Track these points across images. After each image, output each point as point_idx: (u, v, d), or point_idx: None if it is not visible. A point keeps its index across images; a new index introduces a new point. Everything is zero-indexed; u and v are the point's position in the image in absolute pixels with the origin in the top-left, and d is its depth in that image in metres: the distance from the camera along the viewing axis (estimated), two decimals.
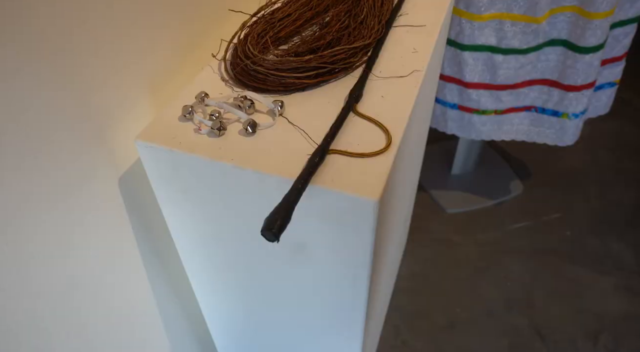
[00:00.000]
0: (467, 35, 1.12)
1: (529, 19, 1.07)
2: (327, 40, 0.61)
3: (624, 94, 1.96)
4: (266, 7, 0.68)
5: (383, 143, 0.51)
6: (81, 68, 0.47)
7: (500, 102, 1.23)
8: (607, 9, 1.00)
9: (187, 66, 0.65)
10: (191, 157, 0.51)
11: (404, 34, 0.69)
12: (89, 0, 0.46)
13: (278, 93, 0.58)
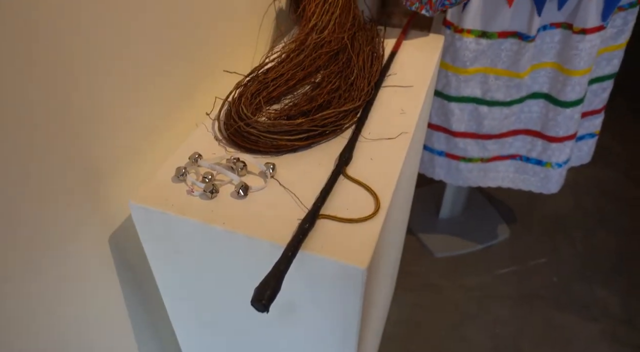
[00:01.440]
0: (453, 87, 1.16)
1: (511, 74, 1.11)
2: (318, 102, 0.63)
3: (604, 141, 2.02)
4: (260, 67, 0.71)
5: (372, 206, 0.53)
6: (75, 126, 0.49)
7: (486, 150, 1.27)
8: (585, 67, 1.05)
9: (181, 123, 0.66)
10: (183, 219, 0.51)
11: (392, 95, 0.72)
12: (84, 56, 0.48)
13: (270, 154, 0.59)
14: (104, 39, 0.49)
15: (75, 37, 0.45)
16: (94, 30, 0.47)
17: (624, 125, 2.14)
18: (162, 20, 0.57)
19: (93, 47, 0.48)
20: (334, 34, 0.77)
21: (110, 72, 0.51)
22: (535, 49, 1.09)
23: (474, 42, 1.08)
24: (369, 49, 0.78)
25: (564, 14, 1.03)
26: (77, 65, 0.46)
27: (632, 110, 2.23)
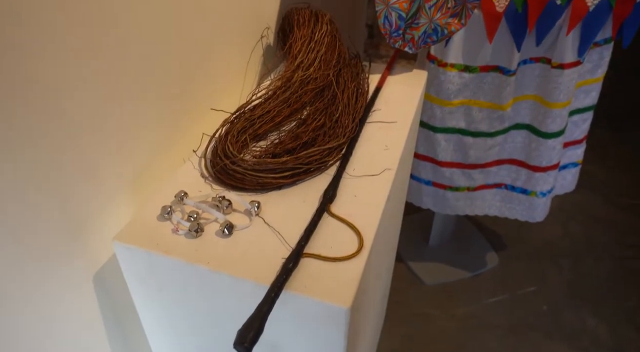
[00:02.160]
0: (438, 118, 1.19)
1: (494, 106, 1.14)
2: (303, 140, 0.64)
3: (588, 167, 2.06)
4: (246, 104, 0.72)
5: (356, 244, 0.53)
6: (61, 162, 0.49)
7: (472, 179, 1.29)
8: (564, 99, 1.09)
9: (168, 160, 0.67)
10: (167, 259, 0.51)
11: (376, 130, 0.73)
12: (69, 95, 0.49)
13: (255, 192, 0.60)
14: (91, 79, 0.50)
15: (60, 77, 0.46)
16: (79, 72, 0.48)
17: (607, 152, 2.18)
18: (150, 59, 0.58)
19: (78, 87, 0.49)
20: (319, 71, 0.79)
21: (97, 112, 0.52)
22: (516, 82, 1.12)
23: (457, 75, 1.11)
24: (354, 85, 0.80)
25: (542, 50, 1.07)
26: (62, 108, 0.47)
27: (614, 137, 2.28)
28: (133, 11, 0.53)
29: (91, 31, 0.48)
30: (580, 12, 0.97)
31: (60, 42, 0.45)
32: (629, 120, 2.40)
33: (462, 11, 0.90)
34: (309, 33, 0.83)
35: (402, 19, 0.83)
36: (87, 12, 0.47)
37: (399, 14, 0.82)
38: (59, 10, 0.44)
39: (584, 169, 2.04)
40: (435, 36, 0.87)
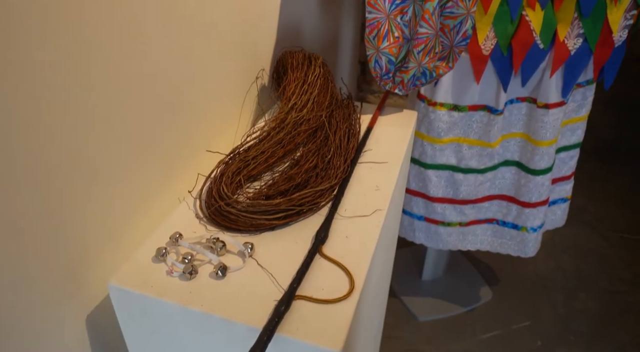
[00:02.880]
0: (429, 155, 1.22)
1: (483, 144, 1.17)
2: (296, 181, 0.66)
3: (578, 201, 2.09)
4: (241, 146, 0.74)
5: (347, 286, 0.54)
6: (58, 205, 0.50)
7: (463, 215, 1.30)
8: (551, 138, 1.12)
9: (164, 200, 0.68)
10: (161, 301, 0.52)
11: (368, 171, 0.75)
12: (66, 139, 0.50)
13: (249, 233, 0.61)
14: (87, 122, 0.52)
15: (58, 120, 0.48)
16: (75, 117, 0.50)
17: (597, 186, 2.22)
18: (145, 101, 0.61)
19: (76, 130, 0.51)
20: (312, 112, 0.82)
21: (94, 154, 0.54)
22: (504, 120, 1.16)
23: (446, 114, 1.14)
24: (345, 126, 0.83)
25: (528, 90, 1.11)
26: (61, 152, 0.49)
27: (603, 171, 2.32)
28: (128, 55, 0.56)
29: (85, 72, 0.51)
30: (562, 56, 1.02)
31: (56, 86, 0.47)
32: (618, 154, 2.45)
33: (449, 55, 0.94)
34: (302, 76, 0.86)
35: (391, 63, 0.86)
36: (83, 54, 0.50)
37: (389, 58, 0.86)
38: (57, 52, 0.46)
39: (575, 202, 2.07)
40: (424, 79, 0.91)
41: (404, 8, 0.84)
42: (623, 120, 2.69)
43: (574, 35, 1.01)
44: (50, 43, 0.44)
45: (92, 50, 0.50)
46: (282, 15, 1.00)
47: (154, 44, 0.59)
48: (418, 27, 0.84)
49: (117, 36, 0.53)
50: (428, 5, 0.82)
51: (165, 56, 0.62)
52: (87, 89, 0.50)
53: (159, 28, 0.60)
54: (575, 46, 1.01)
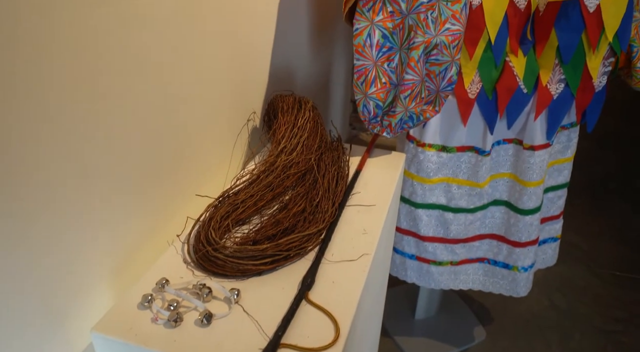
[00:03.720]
0: (419, 195, 1.23)
1: (472, 184, 1.19)
2: (284, 225, 0.67)
3: (570, 238, 2.10)
4: (231, 189, 0.75)
5: (333, 332, 0.54)
6: (44, 252, 0.51)
7: (454, 254, 1.30)
8: (538, 178, 1.14)
9: (153, 244, 0.69)
10: (145, 350, 0.52)
11: (355, 214, 0.76)
12: (55, 188, 0.51)
13: (235, 278, 0.62)
14: (78, 169, 0.53)
15: (51, 169, 0.49)
16: (65, 164, 0.51)
17: (588, 222, 2.23)
18: (135, 146, 0.62)
19: (66, 177, 0.52)
20: (301, 155, 0.84)
21: (80, 197, 0.54)
22: (492, 161, 1.18)
23: (435, 155, 1.16)
24: (334, 169, 0.85)
25: (514, 132, 1.14)
26: (50, 200, 0.50)
27: (594, 207, 2.34)
28: (121, 99, 0.58)
29: (78, 120, 0.52)
30: (545, 100, 1.05)
31: (49, 131, 0.48)
32: (608, 191, 2.48)
33: (435, 99, 0.96)
34: (292, 119, 0.88)
35: (379, 107, 0.89)
36: (76, 100, 0.51)
37: (377, 103, 0.88)
38: (49, 96, 0.48)
39: (567, 239, 2.07)
40: (411, 122, 0.93)
41: (390, 55, 0.88)
42: (612, 158, 2.73)
43: (555, 80, 1.05)
44: (51, 94, 0.46)
45: (86, 96, 0.51)
46: (274, 59, 1.03)
47: (146, 90, 0.61)
48: (404, 73, 0.87)
49: (110, 82, 0.55)
50: (413, 53, 0.85)
51: (158, 101, 0.64)
52: (78, 133, 0.52)
53: (152, 73, 0.62)
54: (557, 91, 1.05)
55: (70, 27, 0.48)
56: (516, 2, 0.99)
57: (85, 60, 0.50)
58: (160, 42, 0.62)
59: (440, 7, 0.90)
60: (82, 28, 0.49)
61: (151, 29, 0.60)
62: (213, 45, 0.76)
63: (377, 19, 0.85)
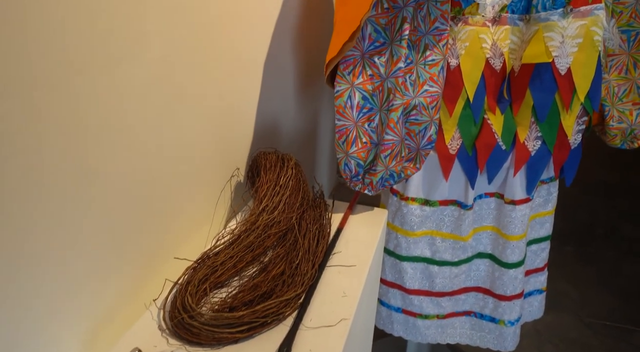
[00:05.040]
0: (404, 247, 1.23)
1: (456, 237, 1.19)
2: (262, 290, 0.66)
3: (559, 286, 2.09)
4: (211, 250, 0.75)
5: None
6: (12, 318, 0.49)
7: (440, 307, 1.29)
8: (520, 232, 1.15)
9: (128, 309, 0.68)
10: None
11: (336, 275, 0.76)
12: (29, 232, 0.51)
13: (211, 346, 0.60)
14: (55, 230, 0.53)
15: (29, 241, 0.49)
16: (48, 234, 0.51)
17: (576, 270, 2.23)
18: (113, 206, 0.62)
19: (41, 243, 0.51)
20: (283, 214, 0.84)
21: (58, 261, 0.54)
22: (474, 214, 1.19)
23: (418, 208, 1.17)
24: (315, 227, 0.85)
25: (495, 186, 1.16)
26: (24, 263, 0.50)
27: (582, 254, 2.35)
28: (101, 158, 0.58)
29: (61, 180, 0.52)
30: (523, 157, 1.08)
31: (32, 190, 0.48)
32: (595, 237, 2.49)
33: (416, 157, 0.99)
34: (274, 178, 0.89)
35: (360, 166, 0.91)
36: (59, 161, 0.52)
37: (357, 162, 0.90)
38: (35, 159, 0.48)
39: (557, 287, 2.06)
40: (392, 180, 0.95)
41: (370, 116, 0.90)
42: (597, 203, 2.77)
43: (532, 137, 1.08)
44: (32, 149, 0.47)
45: (68, 157, 0.52)
46: (259, 114, 1.05)
47: (127, 146, 0.62)
48: (384, 134, 0.89)
49: (92, 143, 0.56)
50: (393, 115, 0.88)
51: (137, 159, 0.65)
52: (60, 193, 0.52)
53: (132, 131, 0.63)
54: (535, 147, 1.08)
55: (53, 107, 0.49)
56: (492, 64, 1.04)
57: (66, 126, 0.52)
58: (144, 103, 0.64)
59: (418, 70, 0.93)
60: (65, 99, 0.51)
61: (132, 91, 0.62)
62: (196, 104, 0.78)
63: (357, 82, 0.88)
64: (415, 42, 0.92)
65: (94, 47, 0.54)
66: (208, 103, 0.82)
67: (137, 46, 0.61)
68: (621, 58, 1.10)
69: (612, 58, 1.11)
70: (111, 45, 0.56)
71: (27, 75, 0.46)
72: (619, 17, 1.08)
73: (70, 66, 0.51)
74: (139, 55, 0.61)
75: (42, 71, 0.48)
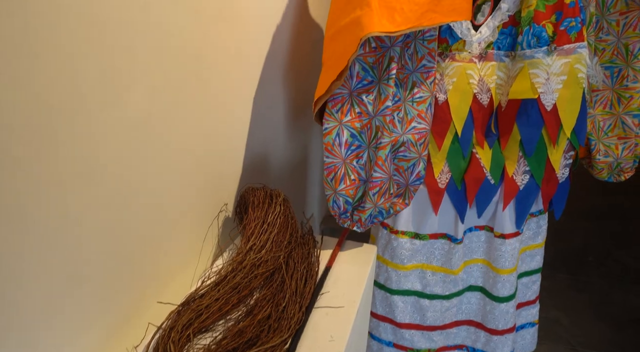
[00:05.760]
0: (394, 281, 1.22)
1: (446, 271, 1.19)
2: (247, 336, 0.65)
3: (552, 313, 2.08)
4: (196, 292, 0.74)
5: None
6: None
7: (432, 341, 1.27)
8: (510, 266, 1.14)
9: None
10: None
11: (323, 317, 0.75)
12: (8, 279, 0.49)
13: None
14: (38, 267, 0.52)
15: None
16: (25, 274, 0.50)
17: (569, 297, 2.22)
18: (96, 248, 0.61)
19: (22, 282, 0.50)
20: (270, 252, 0.83)
21: (41, 298, 0.52)
22: (464, 248, 1.19)
23: (408, 242, 1.17)
24: (303, 267, 0.84)
25: (484, 220, 1.15)
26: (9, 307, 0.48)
27: (573, 283, 2.34)
28: (85, 205, 0.57)
29: (41, 224, 0.51)
30: (512, 191, 1.08)
31: (16, 237, 0.47)
32: (587, 263, 2.49)
33: (405, 193, 0.99)
34: (262, 215, 0.88)
35: (349, 203, 0.90)
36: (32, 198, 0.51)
37: (346, 199, 0.90)
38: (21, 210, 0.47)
39: (549, 315, 2.05)
40: (381, 217, 0.95)
41: (359, 153, 0.90)
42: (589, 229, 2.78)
43: (521, 171, 1.08)
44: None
45: (47, 196, 0.51)
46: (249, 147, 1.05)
47: (107, 184, 0.61)
48: (373, 171, 0.89)
49: (69, 184, 0.55)
50: (381, 153, 0.88)
51: (119, 197, 0.64)
52: (36, 238, 0.51)
53: (115, 168, 0.62)
54: (523, 182, 1.08)
55: (31, 154, 0.49)
56: (479, 99, 1.05)
57: (46, 172, 0.51)
58: (127, 144, 0.63)
59: (406, 107, 0.94)
60: (46, 145, 0.50)
61: (116, 132, 0.61)
62: (182, 143, 0.78)
63: (345, 120, 0.88)
64: (403, 80, 0.93)
65: (75, 92, 0.54)
66: (194, 141, 0.81)
67: (122, 89, 0.61)
68: (605, 93, 1.12)
69: (597, 93, 1.13)
70: (95, 90, 0.56)
71: (4, 120, 0.46)
72: (602, 54, 1.10)
73: (49, 111, 0.51)
74: (124, 97, 0.61)
75: (19, 116, 0.47)
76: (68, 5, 0.50)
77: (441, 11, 0.82)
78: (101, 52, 0.56)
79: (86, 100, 0.55)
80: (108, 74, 0.58)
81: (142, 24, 0.62)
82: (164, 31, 0.67)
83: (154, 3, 0.64)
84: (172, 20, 0.69)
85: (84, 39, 0.53)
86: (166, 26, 0.68)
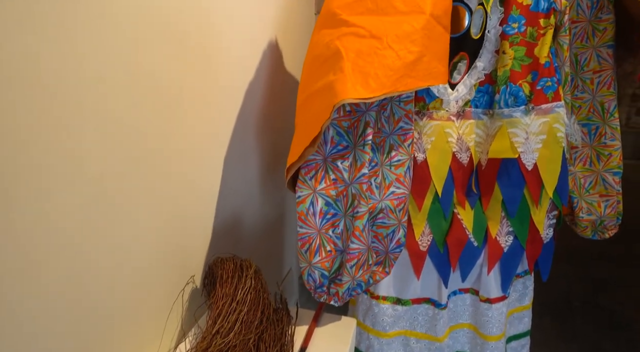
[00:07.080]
0: (376, 349, 1.14)
1: (431, 338, 1.12)
2: None
3: None
4: None
5: None
6: None
7: None
8: (498, 332, 1.08)
9: None
10: None
11: None
12: None
13: None
14: None
15: None
16: None
17: (560, 346, 2.15)
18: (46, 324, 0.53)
19: None
20: (240, 335, 0.76)
21: None
22: (450, 312, 1.12)
23: (390, 308, 1.10)
24: (276, 350, 0.76)
25: (469, 282, 1.10)
26: None
27: (561, 331, 2.28)
28: (33, 297, 0.50)
29: None
30: (496, 253, 1.03)
31: None
32: (574, 309, 2.44)
33: (385, 260, 0.93)
34: (231, 292, 0.81)
35: (325, 276, 0.84)
36: None
37: (322, 273, 0.84)
38: None
39: None
40: (360, 288, 0.88)
41: (335, 222, 0.85)
42: (573, 273, 2.75)
43: (504, 232, 1.04)
44: None
45: None
46: (220, 204, 0.98)
47: (56, 259, 0.54)
48: (349, 242, 0.84)
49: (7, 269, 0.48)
50: (358, 222, 0.83)
51: (68, 272, 0.57)
52: None
53: (67, 241, 0.55)
54: (507, 243, 1.04)
55: None
56: (459, 158, 1.02)
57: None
58: (83, 216, 0.57)
59: (383, 172, 0.90)
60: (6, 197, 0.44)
61: (71, 203, 0.55)
62: (144, 212, 0.71)
63: (319, 188, 0.83)
64: (380, 143, 0.89)
65: (28, 171, 0.48)
66: (159, 209, 0.75)
67: (75, 162, 0.55)
68: (584, 151, 1.11)
69: (576, 150, 1.11)
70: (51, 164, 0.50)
71: None
72: (578, 111, 1.10)
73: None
74: (77, 170, 0.55)
75: None
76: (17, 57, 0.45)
77: (417, 76, 0.79)
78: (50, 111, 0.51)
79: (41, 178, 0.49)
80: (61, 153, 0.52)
81: (94, 92, 0.57)
82: (127, 84, 0.62)
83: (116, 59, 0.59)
84: (138, 75, 0.64)
85: (25, 94, 0.48)
86: (132, 77, 0.63)
